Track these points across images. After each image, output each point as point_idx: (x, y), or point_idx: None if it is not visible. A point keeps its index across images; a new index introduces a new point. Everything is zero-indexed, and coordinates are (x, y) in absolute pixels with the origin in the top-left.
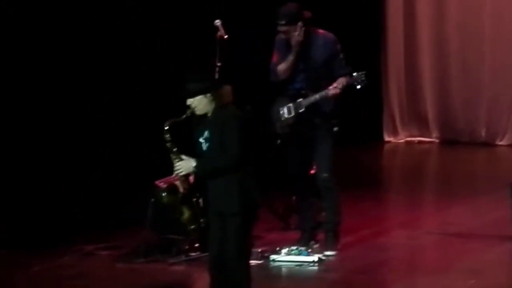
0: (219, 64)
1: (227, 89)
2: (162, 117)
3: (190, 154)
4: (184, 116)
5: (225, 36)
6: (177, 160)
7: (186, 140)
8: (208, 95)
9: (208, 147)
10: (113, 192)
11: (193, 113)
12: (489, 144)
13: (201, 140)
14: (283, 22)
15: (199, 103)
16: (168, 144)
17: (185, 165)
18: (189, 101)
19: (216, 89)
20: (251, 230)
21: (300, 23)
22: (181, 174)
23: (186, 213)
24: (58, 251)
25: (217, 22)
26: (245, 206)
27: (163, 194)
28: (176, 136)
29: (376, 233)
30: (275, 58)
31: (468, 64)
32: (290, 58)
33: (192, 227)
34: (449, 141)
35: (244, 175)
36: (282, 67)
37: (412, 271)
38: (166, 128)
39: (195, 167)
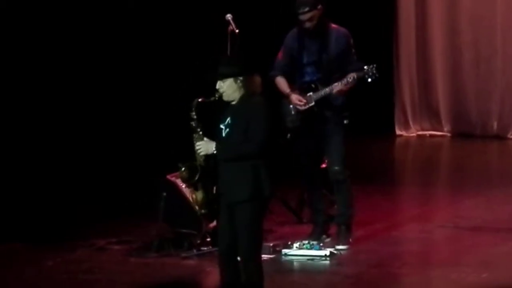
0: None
1: (257, 78)
2: (174, 111)
3: (212, 138)
4: (212, 98)
5: (236, 31)
6: (199, 139)
7: (209, 124)
8: (239, 80)
9: (227, 134)
10: (124, 186)
11: (220, 98)
12: (501, 137)
13: (221, 126)
14: (306, 9)
15: (228, 88)
16: (193, 123)
17: (205, 146)
18: (219, 85)
19: (247, 75)
20: (262, 220)
21: (320, 6)
22: (201, 153)
23: (200, 195)
24: (70, 246)
25: (228, 16)
26: (257, 194)
27: (183, 169)
28: (202, 118)
29: (389, 227)
30: (280, 55)
31: (480, 56)
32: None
33: (204, 211)
34: (461, 135)
35: (259, 164)
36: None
37: (424, 265)
38: (193, 106)
39: (218, 149)
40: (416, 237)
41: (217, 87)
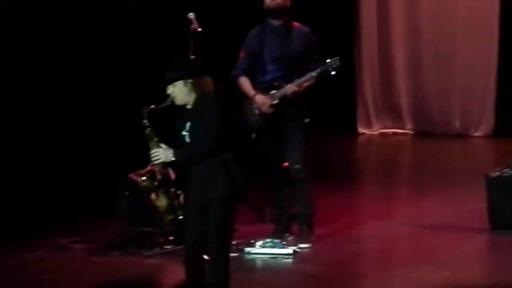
0: (192, 57)
1: (208, 79)
2: (135, 110)
3: (169, 144)
4: (164, 104)
5: (199, 29)
6: (155, 147)
7: (166, 130)
8: (189, 83)
9: (191, 139)
10: (86, 185)
11: (173, 103)
12: (463, 135)
13: (184, 132)
14: None
15: (179, 91)
16: (147, 131)
17: (163, 153)
18: (169, 89)
19: (197, 77)
20: (233, 219)
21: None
22: (158, 161)
23: (163, 202)
24: (31, 245)
25: (191, 15)
26: (231, 191)
27: (142, 179)
28: (156, 125)
29: (350, 225)
30: (241, 54)
31: (442, 54)
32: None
33: (169, 217)
34: (423, 133)
35: (229, 160)
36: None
37: (386, 263)
38: (144, 114)
39: (174, 156)
40: (377, 235)
41: (168, 92)
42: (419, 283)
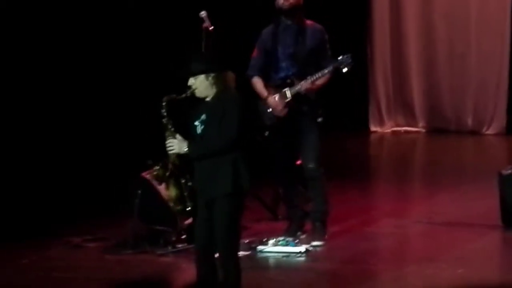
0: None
1: (230, 75)
2: (149, 105)
3: (185, 136)
4: (184, 95)
5: (211, 28)
6: (171, 137)
7: (183, 122)
8: (210, 77)
9: (203, 130)
10: (99, 183)
11: (192, 95)
12: (476, 132)
13: (196, 123)
14: None
15: (200, 84)
16: (164, 120)
17: (177, 144)
18: (191, 81)
19: (219, 72)
20: (241, 216)
21: None
22: (172, 152)
23: (173, 192)
24: (45, 243)
25: (203, 13)
26: (237, 188)
27: (155, 168)
28: (173, 115)
29: (364, 223)
30: (255, 53)
31: (455, 52)
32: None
33: (178, 208)
34: (435, 130)
35: (238, 157)
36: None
37: (400, 261)
38: (163, 103)
39: (189, 149)
40: (391, 232)
41: (189, 83)
42: (432, 280)
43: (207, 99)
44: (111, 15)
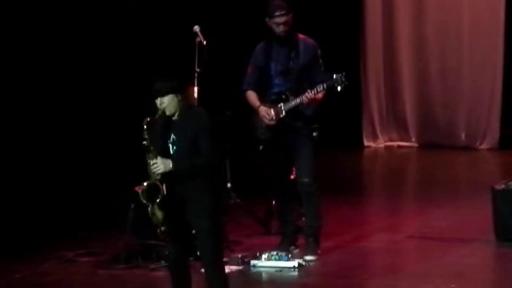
0: (198, 69)
1: (191, 90)
2: (136, 121)
3: (163, 155)
4: (157, 115)
5: (204, 42)
6: (154, 158)
7: (160, 143)
8: (179, 94)
9: (175, 151)
10: (92, 197)
11: (164, 114)
12: (469, 147)
13: (168, 143)
14: (283, 12)
15: (170, 103)
16: (146, 143)
17: (162, 163)
18: (159, 101)
19: (185, 89)
20: (223, 227)
21: (291, 13)
22: (159, 172)
23: (160, 214)
24: (38, 258)
25: (196, 28)
26: (218, 206)
27: (143, 190)
28: (152, 136)
29: (357, 238)
30: (249, 70)
31: (447, 66)
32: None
33: (164, 228)
34: (429, 145)
35: (216, 176)
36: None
37: (393, 276)
38: (144, 126)
39: (174, 165)
40: (384, 248)
41: (158, 103)
42: None
43: (174, 117)
44: (104, 27)
